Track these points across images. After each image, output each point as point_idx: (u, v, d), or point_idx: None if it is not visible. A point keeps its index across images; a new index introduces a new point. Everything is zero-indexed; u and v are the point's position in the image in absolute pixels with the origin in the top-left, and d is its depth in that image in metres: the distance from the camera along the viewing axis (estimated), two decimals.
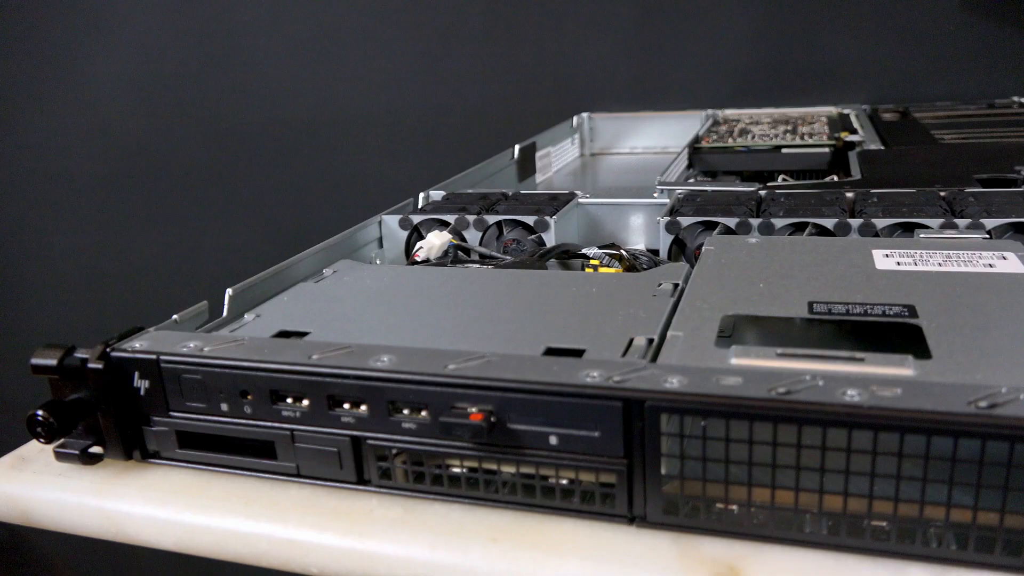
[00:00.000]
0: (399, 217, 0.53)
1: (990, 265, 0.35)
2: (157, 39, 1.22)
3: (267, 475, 0.32)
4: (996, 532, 0.24)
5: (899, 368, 0.27)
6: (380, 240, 0.53)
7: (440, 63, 1.12)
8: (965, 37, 0.92)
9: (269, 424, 0.31)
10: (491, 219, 0.51)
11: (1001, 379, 0.26)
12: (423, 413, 0.29)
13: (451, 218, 0.51)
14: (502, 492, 0.29)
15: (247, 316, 0.37)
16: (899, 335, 0.31)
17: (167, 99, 1.24)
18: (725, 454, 0.26)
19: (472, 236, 0.51)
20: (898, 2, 0.93)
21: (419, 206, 0.57)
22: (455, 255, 0.49)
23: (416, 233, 0.53)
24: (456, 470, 0.29)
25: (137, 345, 0.33)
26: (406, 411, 0.29)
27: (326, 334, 0.34)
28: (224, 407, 0.32)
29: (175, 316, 0.37)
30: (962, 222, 0.42)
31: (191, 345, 0.32)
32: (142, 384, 0.32)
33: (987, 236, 0.41)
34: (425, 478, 0.30)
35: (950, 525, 0.25)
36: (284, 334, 0.35)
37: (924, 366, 0.27)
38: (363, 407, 0.30)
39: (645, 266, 0.46)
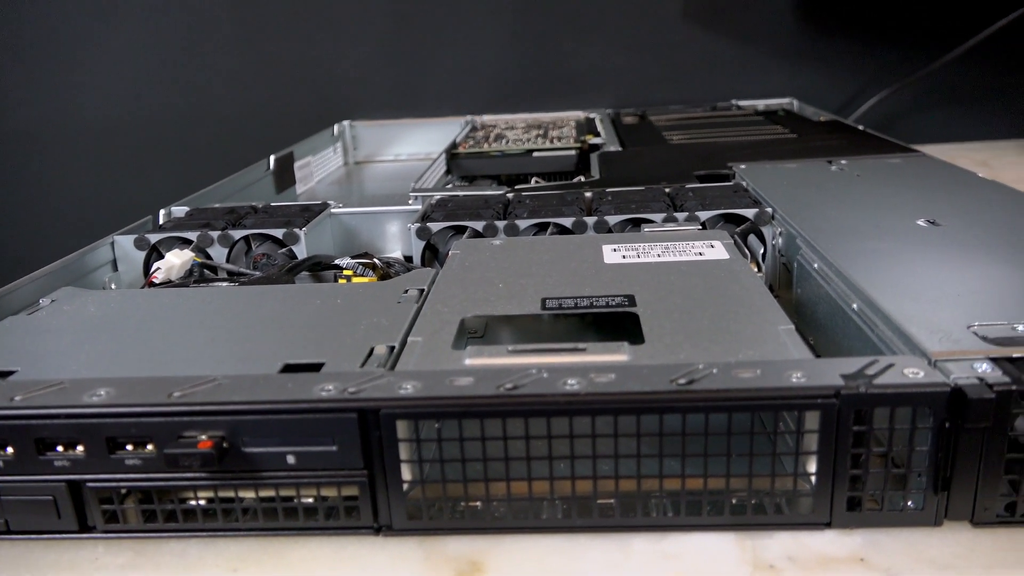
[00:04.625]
0: (134, 237, 0.49)
1: (700, 253, 0.39)
2: None
3: None
4: (702, 495, 0.27)
5: (615, 355, 0.29)
6: (115, 263, 0.49)
7: (185, 67, 1.05)
8: (689, 47, 1.02)
9: None
10: (237, 234, 0.48)
11: (701, 357, 0.28)
12: (148, 447, 0.27)
13: (194, 235, 0.48)
14: (243, 520, 0.28)
15: None
16: (630, 322, 0.33)
17: None
18: (461, 453, 0.26)
19: (219, 253, 0.49)
20: (632, 15, 1.01)
21: (159, 223, 0.53)
22: (200, 274, 0.47)
23: (156, 253, 0.49)
24: (191, 503, 0.28)
25: None
26: (129, 447, 0.27)
27: (36, 371, 0.31)
28: None
29: None
30: (681, 215, 0.46)
31: None
32: None
33: (701, 227, 0.46)
34: (157, 516, 0.28)
35: (665, 494, 0.27)
36: None
37: (638, 351, 0.29)
38: (79, 448, 0.27)
39: (400, 274, 0.46)
